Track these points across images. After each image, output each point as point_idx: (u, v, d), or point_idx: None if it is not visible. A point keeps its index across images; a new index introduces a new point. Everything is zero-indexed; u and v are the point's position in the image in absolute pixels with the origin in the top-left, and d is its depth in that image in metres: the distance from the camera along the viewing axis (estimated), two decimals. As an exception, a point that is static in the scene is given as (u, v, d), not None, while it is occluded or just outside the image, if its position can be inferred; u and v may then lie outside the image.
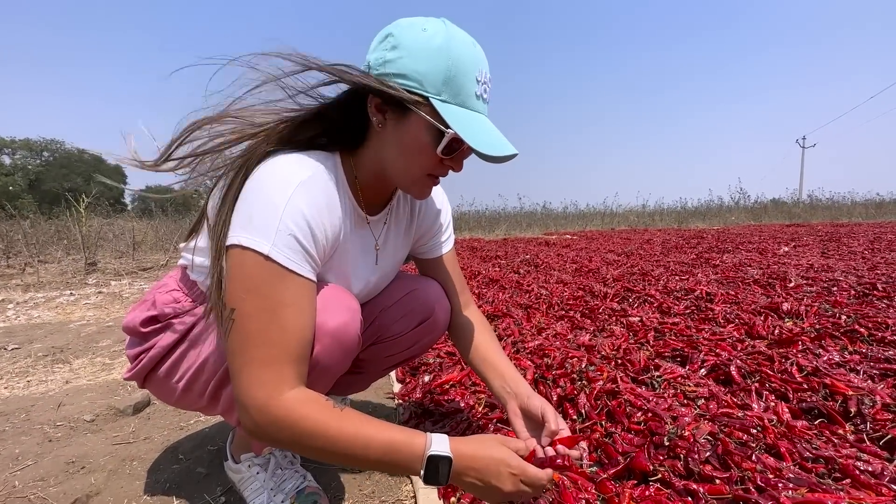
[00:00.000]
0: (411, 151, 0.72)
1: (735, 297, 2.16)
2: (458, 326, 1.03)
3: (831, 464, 0.86)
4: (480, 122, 0.70)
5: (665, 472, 0.88)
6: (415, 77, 0.67)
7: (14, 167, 34.60)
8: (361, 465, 0.72)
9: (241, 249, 0.65)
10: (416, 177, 0.75)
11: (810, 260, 3.25)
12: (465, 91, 0.68)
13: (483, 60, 0.71)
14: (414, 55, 0.67)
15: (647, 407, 1.11)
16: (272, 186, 0.67)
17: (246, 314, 0.65)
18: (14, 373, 1.85)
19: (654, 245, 5.06)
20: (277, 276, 0.65)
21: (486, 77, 0.71)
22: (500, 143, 0.70)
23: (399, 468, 0.67)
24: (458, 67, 0.67)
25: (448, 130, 0.67)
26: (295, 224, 0.66)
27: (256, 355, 0.64)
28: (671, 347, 1.53)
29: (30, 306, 3.23)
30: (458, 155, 0.74)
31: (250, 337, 0.65)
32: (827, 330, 1.54)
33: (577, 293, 2.57)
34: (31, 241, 6.14)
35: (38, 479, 1.07)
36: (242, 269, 0.65)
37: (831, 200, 14.29)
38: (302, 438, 0.64)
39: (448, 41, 0.67)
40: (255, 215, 0.66)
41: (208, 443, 1.23)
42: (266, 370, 0.64)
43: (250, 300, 0.65)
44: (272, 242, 0.65)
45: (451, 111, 0.67)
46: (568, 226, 11.63)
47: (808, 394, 1.14)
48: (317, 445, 0.64)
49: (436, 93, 0.67)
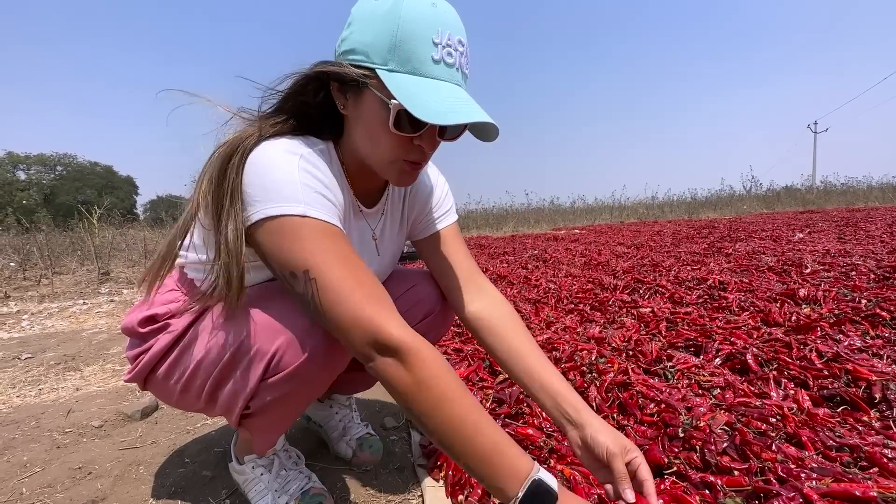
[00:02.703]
0: (372, 132, 0.67)
1: (749, 284, 2.10)
2: (477, 318, 0.88)
3: (857, 452, 0.82)
4: (435, 88, 0.62)
5: (680, 465, 0.85)
6: (361, 49, 0.63)
7: (29, 182, 35.38)
8: (456, 450, 0.60)
9: (272, 220, 0.63)
10: (385, 160, 0.69)
11: (826, 245, 3.16)
12: (417, 56, 0.61)
13: (445, 21, 0.63)
14: (361, 27, 0.64)
15: (659, 398, 1.07)
16: (275, 158, 0.65)
17: (325, 267, 0.62)
18: (26, 381, 1.87)
19: (665, 236, 4.98)
20: (322, 230, 0.63)
21: (450, 39, 0.63)
22: (457, 110, 0.61)
23: (491, 477, 0.59)
24: (406, 31, 0.61)
25: (392, 101, 0.61)
26: (312, 182, 0.65)
27: (361, 297, 0.61)
28: (684, 337, 1.49)
29: (44, 316, 3.28)
30: (428, 132, 0.67)
31: (343, 286, 0.61)
32: (847, 315, 1.48)
33: (587, 286, 2.53)
34: (46, 253, 6.25)
35: (46, 485, 1.06)
36: (287, 236, 0.62)
37: (846, 185, 13.95)
38: (424, 382, 0.60)
39: (396, 4, 0.61)
40: (270, 184, 0.63)
41: (214, 445, 1.22)
42: (374, 306, 0.61)
43: (318, 256, 0.62)
44: (302, 202, 0.63)
45: (397, 80, 0.61)
46: (576, 221, 11.54)
47: (830, 380, 1.09)
48: (435, 396, 0.59)
49: (382, 62, 0.62)
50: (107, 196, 8.20)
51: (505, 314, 0.88)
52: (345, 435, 1.13)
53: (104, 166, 39.54)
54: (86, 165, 38.14)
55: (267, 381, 0.72)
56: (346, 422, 1.15)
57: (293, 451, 1.00)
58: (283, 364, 0.70)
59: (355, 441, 1.10)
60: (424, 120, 0.59)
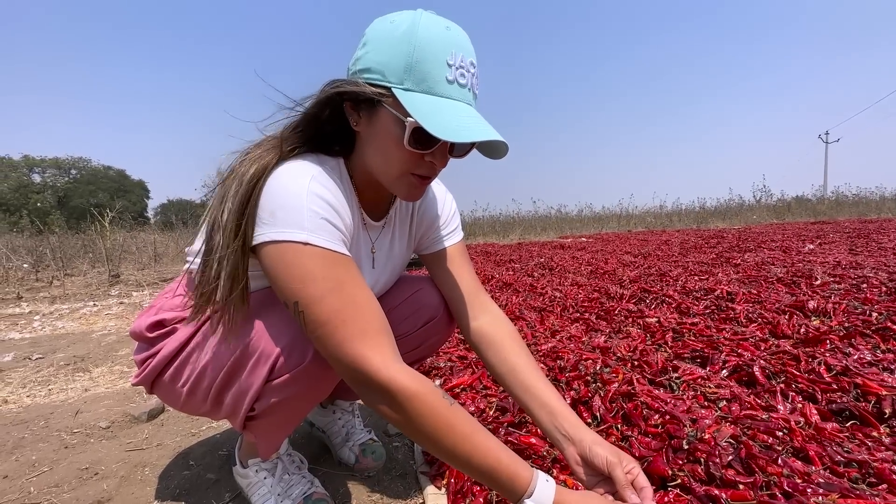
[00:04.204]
0: (385, 148, 0.70)
1: (757, 296, 2.08)
2: (479, 335, 0.91)
3: (865, 468, 0.81)
4: (450, 107, 0.65)
5: (685, 477, 0.84)
6: (377, 69, 0.65)
7: (44, 185, 36.04)
8: (462, 469, 0.66)
9: (275, 245, 0.64)
10: (395, 175, 0.71)
11: (837, 257, 3.12)
12: (432, 77, 0.64)
13: (458, 44, 0.66)
14: (377, 47, 0.66)
15: (664, 409, 1.06)
16: (287, 182, 0.67)
17: (312, 301, 0.63)
18: (37, 381, 1.89)
19: (672, 246, 4.94)
20: (322, 258, 0.65)
21: (463, 61, 0.66)
22: (470, 128, 0.63)
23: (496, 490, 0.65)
24: (421, 52, 0.63)
25: (408, 119, 0.64)
26: (320, 208, 0.66)
27: (345, 334, 0.63)
28: (690, 348, 1.48)
29: (55, 317, 3.33)
30: (439, 149, 0.69)
31: (329, 320, 0.63)
32: (857, 328, 1.46)
33: (592, 295, 2.52)
34: (58, 255, 6.35)
35: (53, 485, 1.08)
36: (285, 262, 0.64)
37: (858, 196, 13.79)
38: (413, 419, 0.62)
39: (412, 27, 0.64)
40: (278, 210, 0.65)
41: (218, 449, 1.23)
42: (358, 344, 0.63)
43: (309, 287, 0.63)
44: (306, 229, 0.64)
45: (413, 99, 0.63)
46: (583, 229, 11.50)
47: (839, 394, 1.07)
48: (425, 431, 0.63)
49: (398, 81, 0.64)
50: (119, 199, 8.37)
51: (506, 333, 0.91)
52: (348, 440, 1.13)
53: (117, 170, 40.22)
54: (99, 169, 38.82)
55: (271, 383, 0.73)
56: (349, 427, 1.15)
57: (296, 456, 1.00)
58: (287, 366, 0.72)
59: (358, 447, 1.11)
60: (441, 137, 0.61)
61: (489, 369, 0.90)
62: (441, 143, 0.68)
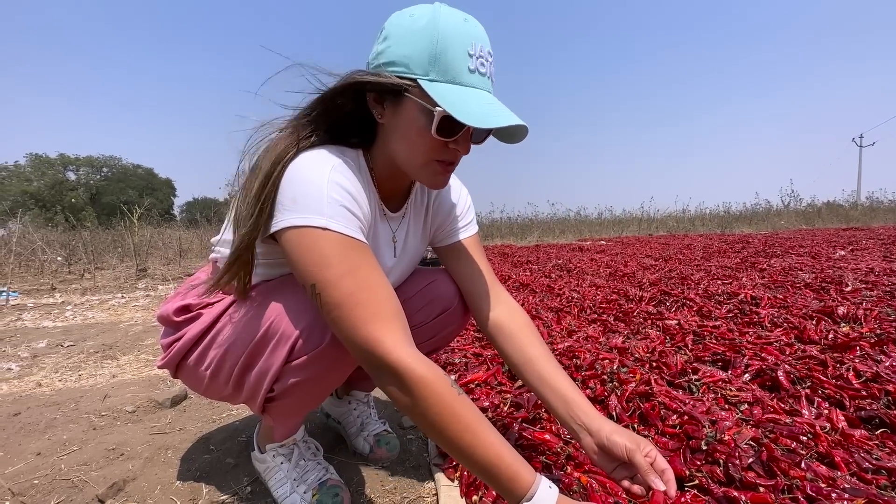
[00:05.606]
0: (411, 137, 0.71)
1: (784, 301, 2.02)
2: (495, 326, 0.92)
3: (895, 476, 0.78)
4: (474, 96, 0.67)
5: (703, 479, 0.83)
6: (402, 62, 0.67)
7: (78, 182, 37.49)
8: (463, 462, 0.66)
9: (295, 230, 0.66)
10: (421, 163, 0.73)
11: (871, 264, 3.00)
12: (455, 67, 0.66)
13: (476, 35, 0.68)
14: (399, 40, 0.67)
15: (683, 410, 1.04)
16: (308, 170, 0.69)
17: (328, 284, 0.65)
18: (68, 367, 1.98)
19: (695, 250, 4.83)
20: (339, 243, 0.66)
21: (482, 51, 0.68)
22: (496, 114, 0.66)
23: (496, 489, 0.65)
24: (444, 44, 0.65)
25: (437, 108, 0.66)
26: (340, 196, 0.68)
27: (358, 316, 0.64)
28: (711, 351, 1.45)
29: (86, 308, 3.46)
30: (463, 136, 0.71)
31: (344, 303, 0.65)
32: (889, 335, 1.41)
33: (611, 297, 2.48)
34: (90, 249, 6.61)
35: (82, 463, 1.12)
36: (304, 246, 0.66)
37: (894, 203, 13.22)
38: (419, 402, 0.63)
39: (433, 20, 0.66)
40: (299, 196, 0.67)
41: (238, 435, 1.26)
42: (371, 326, 0.64)
43: (325, 271, 0.65)
44: (325, 215, 0.66)
45: (439, 89, 0.66)
46: (603, 232, 11.34)
47: (868, 401, 1.04)
48: (430, 417, 0.63)
49: (423, 73, 0.66)
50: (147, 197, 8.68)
51: (522, 323, 0.92)
52: (362, 431, 1.15)
53: (146, 168, 41.52)
54: (129, 167, 40.15)
55: (290, 364, 0.75)
56: (364, 418, 1.17)
57: (312, 443, 1.02)
58: (306, 348, 0.74)
59: (372, 437, 1.12)
60: (470, 125, 0.63)
61: (505, 360, 0.91)
62: (465, 130, 0.71)
